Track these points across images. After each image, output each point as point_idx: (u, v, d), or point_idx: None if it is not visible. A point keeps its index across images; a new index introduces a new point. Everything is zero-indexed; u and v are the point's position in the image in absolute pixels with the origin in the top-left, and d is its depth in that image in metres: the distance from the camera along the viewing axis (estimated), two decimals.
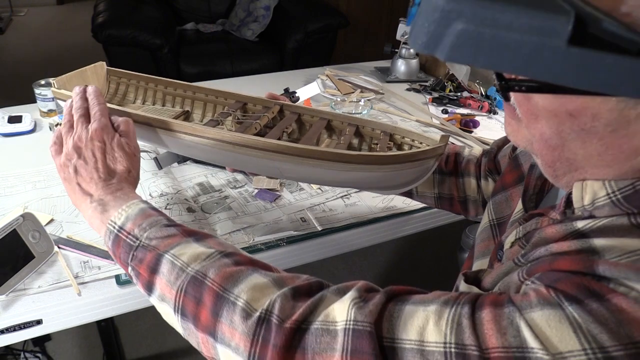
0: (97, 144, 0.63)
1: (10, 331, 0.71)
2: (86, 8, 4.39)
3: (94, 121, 0.65)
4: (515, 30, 0.28)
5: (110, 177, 0.63)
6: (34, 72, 3.37)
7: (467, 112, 1.38)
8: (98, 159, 0.63)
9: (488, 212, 0.67)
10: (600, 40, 0.28)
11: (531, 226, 0.49)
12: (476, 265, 0.64)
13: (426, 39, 0.30)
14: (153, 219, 0.57)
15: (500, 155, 0.76)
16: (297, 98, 1.26)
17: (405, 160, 0.65)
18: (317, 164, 0.66)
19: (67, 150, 0.64)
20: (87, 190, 0.62)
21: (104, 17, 2.50)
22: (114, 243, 0.57)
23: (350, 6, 3.61)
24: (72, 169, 0.63)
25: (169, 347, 1.64)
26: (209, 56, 2.75)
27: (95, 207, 0.60)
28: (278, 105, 0.84)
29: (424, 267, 2.04)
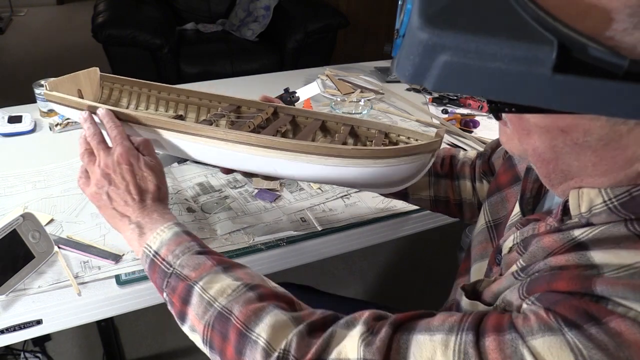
0: (124, 167, 0.64)
1: (10, 331, 0.71)
2: (86, 8, 4.39)
3: (117, 145, 0.65)
4: (499, 60, 0.28)
5: (143, 197, 0.64)
6: (34, 72, 3.38)
7: (467, 112, 1.38)
8: (129, 181, 0.64)
9: (484, 214, 0.67)
10: (585, 65, 0.28)
11: (528, 232, 0.49)
12: (474, 268, 0.64)
13: (412, 71, 0.30)
14: (185, 245, 0.59)
15: (495, 157, 0.76)
16: (297, 98, 1.26)
17: (400, 155, 0.65)
18: (310, 160, 0.66)
19: (97, 179, 0.65)
20: (124, 214, 0.64)
21: (104, 17, 2.50)
22: (150, 268, 0.60)
23: (350, 6, 3.60)
24: (105, 196, 0.64)
25: (169, 347, 1.64)
26: (209, 56, 2.75)
27: (133, 230, 0.62)
28: (272, 107, 0.84)
29: (424, 267, 2.04)
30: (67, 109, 0.78)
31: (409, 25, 0.30)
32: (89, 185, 0.66)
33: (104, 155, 0.65)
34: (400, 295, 1.91)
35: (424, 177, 0.81)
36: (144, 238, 0.61)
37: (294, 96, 1.25)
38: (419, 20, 0.29)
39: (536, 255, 0.44)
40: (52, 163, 1.05)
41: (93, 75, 0.89)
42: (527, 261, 0.45)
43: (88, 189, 0.66)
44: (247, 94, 1.49)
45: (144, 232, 0.62)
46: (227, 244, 0.84)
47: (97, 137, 0.67)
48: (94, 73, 0.89)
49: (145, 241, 0.61)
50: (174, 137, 0.71)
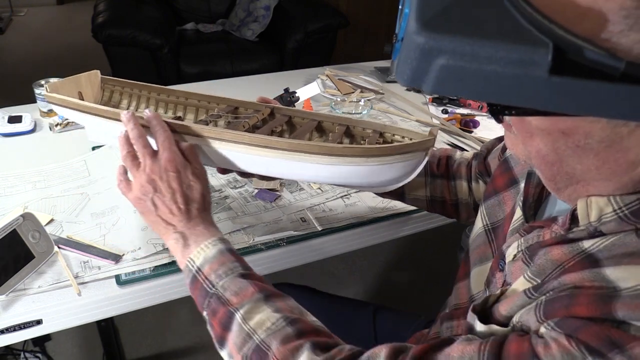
0: (172, 174, 0.62)
1: (10, 331, 0.71)
2: (86, 8, 4.39)
3: (164, 150, 0.63)
4: (496, 63, 0.29)
5: (188, 206, 0.63)
6: (34, 72, 3.37)
7: (467, 112, 1.38)
8: (175, 189, 0.62)
9: (481, 217, 0.66)
10: (581, 67, 0.28)
11: (533, 239, 0.49)
12: (474, 272, 0.64)
13: (411, 74, 0.31)
14: (228, 265, 0.59)
15: (490, 158, 0.76)
16: (297, 98, 1.26)
17: (392, 153, 0.65)
18: (302, 158, 0.65)
19: (141, 185, 0.63)
20: (169, 222, 0.63)
21: (104, 17, 2.50)
22: (192, 283, 0.60)
23: (350, 6, 3.60)
24: (150, 203, 0.63)
25: (169, 347, 1.64)
26: (209, 56, 2.75)
27: (177, 240, 0.62)
28: (269, 108, 0.84)
29: (424, 267, 2.04)
30: (68, 111, 0.78)
31: (407, 29, 0.30)
32: (131, 190, 0.64)
33: (151, 161, 0.63)
34: (401, 295, 1.91)
35: (420, 177, 0.81)
36: (188, 251, 0.61)
37: (294, 96, 1.25)
38: (415, 25, 0.29)
39: (545, 269, 0.44)
40: (52, 163, 1.05)
41: (94, 77, 0.89)
42: (536, 274, 0.45)
43: (130, 193, 0.64)
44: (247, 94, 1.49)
45: (188, 245, 0.61)
46: None
47: (142, 141, 0.64)
48: (95, 76, 0.89)
49: (188, 254, 0.60)
50: None
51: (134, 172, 0.64)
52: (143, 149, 0.64)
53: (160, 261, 0.79)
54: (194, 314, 1.75)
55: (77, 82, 0.86)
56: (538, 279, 0.45)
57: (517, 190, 0.62)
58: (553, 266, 0.44)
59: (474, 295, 0.62)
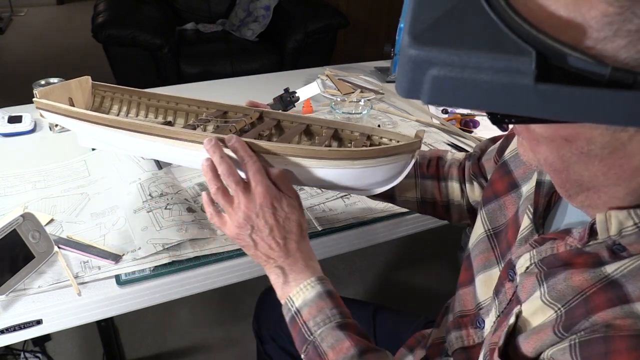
0: (267, 210, 0.61)
1: (10, 331, 0.71)
2: (86, 8, 4.39)
3: (257, 184, 0.61)
4: (484, 72, 0.29)
5: (286, 241, 0.62)
6: (34, 72, 3.37)
7: (467, 112, 1.38)
8: (272, 225, 0.61)
9: (482, 222, 0.66)
10: (567, 74, 0.29)
11: (546, 251, 0.49)
12: (479, 279, 0.63)
13: (407, 86, 0.32)
14: (327, 312, 0.59)
15: (485, 159, 0.75)
16: (297, 98, 1.26)
17: (378, 155, 0.64)
18: (287, 162, 0.65)
19: (239, 222, 0.62)
20: (269, 256, 0.63)
21: (104, 17, 2.50)
22: (291, 323, 0.61)
23: (350, 6, 3.60)
24: (249, 239, 0.62)
25: (169, 347, 1.64)
26: (209, 56, 2.75)
27: (278, 275, 0.63)
28: (258, 112, 0.84)
29: (424, 267, 2.04)
30: (58, 117, 0.78)
31: (401, 43, 0.31)
32: (227, 226, 0.63)
33: (245, 198, 0.61)
34: (401, 295, 1.91)
35: (410, 179, 0.81)
36: (287, 288, 0.62)
37: (294, 96, 1.25)
38: (408, 38, 0.30)
39: (566, 295, 0.44)
40: (52, 163, 1.05)
41: (84, 83, 0.89)
42: (556, 299, 0.44)
43: (226, 229, 0.64)
44: (247, 94, 1.49)
45: (287, 282, 0.62)
46: (227, 244, 0.84)
47: (234, 177, 0.61)
48: (86, 81, 0.89)
49: (288, 293, 0.62)
50: (156, 142, 0.70)
51: (228, 209, 0.63)
52: (236, 186, 0.61)
53: (160, 261, 0.79)
54: (194, 314, 1.75)
55: (68, 88, 0.86)
56: (558, 304, 0.45)
57: (519, 194, 0.62)
58: (574, 293, 0.43)
59: (481, 302, 0.62)
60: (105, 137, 0.76)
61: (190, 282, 0.80)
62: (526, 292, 0.50)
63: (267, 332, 1.02)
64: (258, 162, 0.62)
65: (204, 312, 1.76)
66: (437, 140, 1.22)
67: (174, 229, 0.84)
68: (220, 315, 1.76)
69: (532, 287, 0.49)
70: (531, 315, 0.48)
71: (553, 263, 0.47)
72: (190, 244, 0.83)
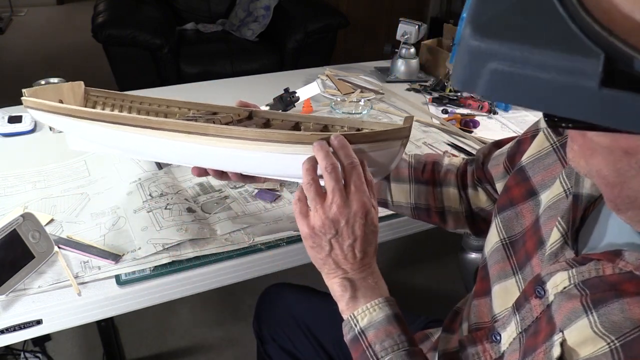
0: (359, 220, 0.57)
1: (10, 331, 0.71)
2: (86, 8, 4.39)
3: (357, 190, 0.57)
4: (546, 71, 0.28)
5: (364, 255, 0.59)
6: (34, 72, 3.37)
7: (467, 112, 1.38)
8: (358, 237, 0.58)
9: (497, 230, 0.63)
10: (635, 81, 0.27)
11: (590, 272, 0.46)
12: (496, 289, 0.61)
13: (464, 78, 0.31)
14: (395, 338, 0.56)
15: (492, 165, 0.73)
16: (297, 98, 1.26)
17: (359, 141, 0.60)
18: (274, 149, 0.62)
19: (322, 222, 0.57)
20: (340, 266, 0.59)
21: (104, 17, 2.50)
22: (352, 343, 0.58)
23: (350, 6, 3.61)
24: (327, 242, 0.58)
25: (169, 347, 1.64)
26: (209, 56, 2.75)
27: (345, 288, 0.59)
28: (247, 111, 0.83)
29: (424, 267, 2.04)
30: (47, 115, 0.78)
31: (462, 33, 0.31)
32: (308, 221, 0.58)
33: (341, 200, 0.56)
34: (400, 295, 1.90)
35: (404, 184, 0.79)
36: (354, 304, 0.58)
37: (294, 96, 1.25)
38: (469, 29, 0.30)
39: (622, 328, 0.41)
40: (52, 163, 1.05)
41: (77, 88, 0.89)
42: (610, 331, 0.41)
43: (305, 223, 0.58)
44: (247, 93, 1.49)
45: (356, 297, 0.59)
46: (227, 244, 0.84)
47: (336, 174, 0.57)
48: (79, 86, 0.89)
49: (353, 309, 0.58)
50: (175, 140, 0.69)
51: (317, 205, 0.57)
52: (335, 184, 0.57)
53: (160, 261, 0.79)
54: (194, 314, 1.75)
55: (59, 90, 0.85)
56: (612, 336, 0.41)
57: (537, 202, 0.59)
58: (632, 325, 0.40)
59: (497, 315, 0.59)
60: (102, 137, 0.76)
61: (190, 282, 0.80)
62: (565, 316, 0.46)
63: (267, 332, 1.02)
64: (360, 167, 0.58)
65: (204, 312, 1.76)
66: (437, 140, 1.22)
67: (174, 229, 0.84)
68: (220, 315, 1.76)
69: (575, 312, 0.45)
70: (578, 345, 0.44)
71: (598, 286, 0.44)
72: (190, 244, 0.83)
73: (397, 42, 1.61)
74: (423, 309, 1.06)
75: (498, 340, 0.58)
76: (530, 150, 0.63)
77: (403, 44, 1.60)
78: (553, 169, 0.59)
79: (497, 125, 1.33)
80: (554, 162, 0.59)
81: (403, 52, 1.60)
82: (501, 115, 1.37)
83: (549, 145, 0.61)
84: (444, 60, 1.57)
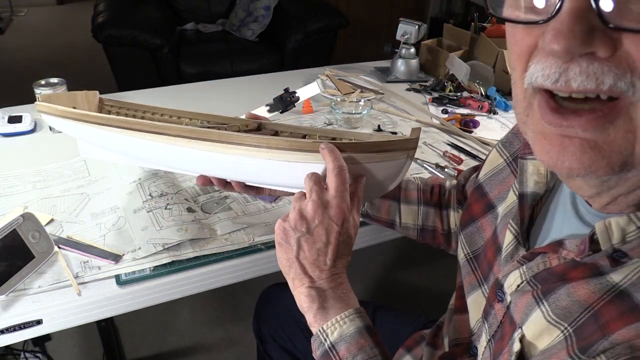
0: (334, 226, 0.55)
1: (10, 331, 0.71)
2: (86, 8, 4.39)
3: (337, 196, 0.55)
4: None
5: (336, 263, 0.56)
6: (34, 72, 3.37)
7: (467, 112, 1.38)
8: (330, 243, 0.55)
9: (462, 246, 0.64)
10: None
11: (538, 266, 0.47)
12: (470, 301, 0.61)
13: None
14: (367, 352, 0.54)
15: (468, 186, 0.74)
16: (297, 98, 1.26)
17: (364, 150, 0.57)
18: (264, 155, 0.61)
19: (295, 218, 0.56)
20: (308, 272, 0.56)
21: (104, 17, 2.50)
22: (323, 357, 0.55)
23: (350, 6, 3.61)
24: (295, 241, 0.55)
25: (169, 347, 1.64)
26: (209, 56, 2.75)
27: (313, 298, 0.55)
28: (256, 123, 0.82)
29: (423, 267, 2.04)
30: (62, 121, 0.78)
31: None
32: (291, 211, 0.57)
33: (318, 199, 0.55)
34: (401, 295, 1.91)
35: (413, 205, 0.80)
36: (322, 317, 0.55)
37: (294, 96, 1.25)
38: None
39: (572, 312, 0.41)
40: (52, 163, 1.05)
41: (92, 97, 0.87)
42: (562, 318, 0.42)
43: (280, 219, 0.57)
44: (247, 94, 1.49)
45: (325, 307, 0.55)
46: (227, 244, 0.84)
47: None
48: (93, 95, 0.88)
49: (322, 322, 0.55)
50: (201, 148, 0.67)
51: (295, 203, 0.57)
52: (314, 184, 0.56)
53: (160, 261, 0.79)
54: (194, 314, 1.75)
55: (73, 98, 0.85)
56: (564, 322, 0.42)
57: (495, 215, 0.60)
58: (581, 308, 0.41)
59: (473, 328, 0.60)
60: (109, 143, 0.75)
61: (190, 282, 0.80)
62: (522, 312, 0.47)
63: (267, 332, 1.02)
64: (345, 173, 0.56)
65: (204, 312, 1.76)
66: (437, 140, 1.22)
67: (174, 229, 0.84)
68: (220, 315, 1.76)
69: (529, 306, 0.46)
70: (536, 338, 0.45)
71: (548, 278, 0.45)
72: (190, 244, 0.83)
73: (397, 42, 1.61)
74: (422, 309, 1.06)
75: (475, 354, 0.58)
76: (486, 167, 0.65)
77: (403, 44, 1.60)
78: (507, 182, 0.61)
79: (497, 125, 1.33)
80: (507, 175, 0.61)
81: (403, 52, 1.60)
82: (501, 115, 1.37)
83: (503, 161, 0.63)
84: (444, 60, 1.57)
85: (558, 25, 0.33)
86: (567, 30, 0.32)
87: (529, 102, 0.39)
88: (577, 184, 0.44)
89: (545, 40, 0.34)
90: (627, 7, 0.32)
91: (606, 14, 0.32)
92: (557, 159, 0.37)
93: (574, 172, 0.37)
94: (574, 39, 0.32)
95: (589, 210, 0.45)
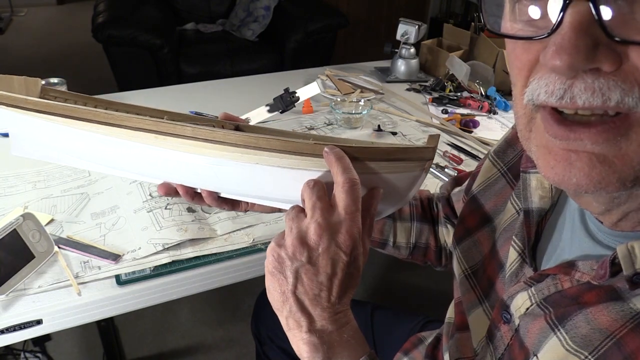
0: (342, 256, 0.45)
1: (10, 331, 0.71)
2: (86, 8, 4.39)
3: (348, 218, 0.45)
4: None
5: (341, 300, 0.47)
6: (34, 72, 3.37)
7: (467, 112, 1.38)
8: (337, 276, 0.45)
9: (459, 262, 0.61)
10: None
11: (549, 289, 0.44)
12: (471, 319, 0.58)
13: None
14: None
15: (454, 201, 0.72)
16: (297, 98, 1.26)
17: (378, 158, 0.48)
18: (250, 158, 0.50)
19: (292, 241, 0.45)
20: (307, 310, 0.46)
21: (104, 17, 2.50)
22: None
23: (350, 6, 3.61)
24: (292, 272, 0.45)
25: (169, 347, 1.64)
26: (209, 56, 2.75)
27: (314, 346, 0.46)
28: (232, 124, 0.69)
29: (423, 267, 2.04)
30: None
31: None
32: (277, 239, 0.47)
33: (323, 220, 0.45)
34: (401, 295, 1.91)
35: (407, 223, 0.75)
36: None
37: (294, 96, 1.25)
38: None
39: (593, 340, 0.38)
40: (52, 163, 1.05)
41: (32, 85, 0.72)
42: (582, 347, 0.39)
43: (273, 241, 0.47)
44: (247, 94, 1.49)
45: (329, 358, 0.46)
46: (227, 244, 0.84)
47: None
48: (34, 84, 0.71)
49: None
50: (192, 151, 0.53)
51: (293, 224, 0.46)
52: (317, 200, 0.46)
53: (160, 261, 0.79)
54: (194, 314, 1.75)
55: (8, 83, 0.69)
56: (585, 351, 0.39)
57: (492, 228, 0.58)
58: (602, 336, 0.38)
59: (475, 348, 0.56)
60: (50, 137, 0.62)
61: (190, 282, 0.80)
62: (535, 338, 0.44)
63: (265, 333, 1.02)
64: (359, 188, 0.46)
65: (204, 312, 1.76)
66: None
67: (174, 229, 0.84)
68: (220, 315, 1.76)
69: (543, 332, 0.43)
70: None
71: (560, 302, 0.43)
72: (190, 244, 0.83)
73: (397, 42, 1.61)
74: (422, 309, 1.06)
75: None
76: (480, 178, 0.62)
77: (403, 44, 1.60)
78: (503, 193, 0.58)
79: (497, 125, 1.33)
80: (503, 186, 0.59)
81: (403, 52, 1.60)
82: (501, 115, 1.38)
83: (497, 171, 0.60)
84: (443, 60, 1.57)
85: (560, 40, 0.31)
86: (570, 46, 0.30)
87: (530, 117, 0.38)
88: (586, 200, 0.42)
89: (547, 56, 0.32)
90: (633, 18, 0.30)
91: (610, 27, 0.30)
92: (564, 176, 0.35)
93: (582, 188, 0.35)
94: (577, 54, 0.30)
95: (600, 228, 0.43)
